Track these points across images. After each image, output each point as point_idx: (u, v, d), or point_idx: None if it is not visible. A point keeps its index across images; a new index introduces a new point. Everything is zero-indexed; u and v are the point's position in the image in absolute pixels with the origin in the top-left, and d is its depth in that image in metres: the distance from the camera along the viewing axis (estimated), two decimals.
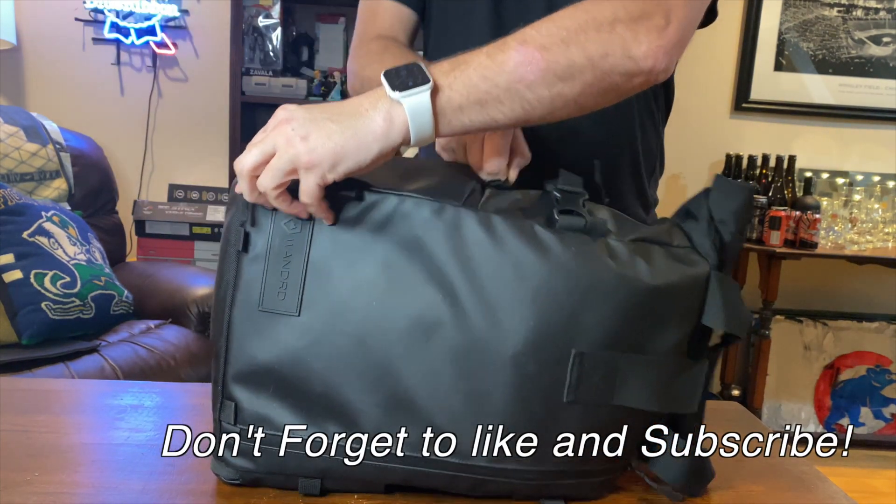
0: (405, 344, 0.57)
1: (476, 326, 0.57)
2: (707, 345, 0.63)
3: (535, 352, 0.57)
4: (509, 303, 0.57)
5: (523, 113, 0.60)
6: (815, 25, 2.75)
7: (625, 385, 0.58)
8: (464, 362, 0.57)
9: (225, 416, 0.61)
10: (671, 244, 0.61)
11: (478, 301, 0.57)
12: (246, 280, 0.59)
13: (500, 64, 0.58)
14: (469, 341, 0.57)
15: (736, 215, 0.61)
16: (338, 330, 0.58)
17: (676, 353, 0.60)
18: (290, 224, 0.58)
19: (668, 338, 0.59)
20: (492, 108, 0.59)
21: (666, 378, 0.60)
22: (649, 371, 0.59)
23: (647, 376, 0.59)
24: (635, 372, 0.58)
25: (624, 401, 0.58)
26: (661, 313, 0.58)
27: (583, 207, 0.60)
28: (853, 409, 2.84)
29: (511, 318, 0.57)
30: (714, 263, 0.60)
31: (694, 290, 0.59)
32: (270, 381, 0.59)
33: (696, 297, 0.60)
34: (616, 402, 0.58)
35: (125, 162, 2.64)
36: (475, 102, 0.58)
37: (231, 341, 0.60)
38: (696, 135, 2.81)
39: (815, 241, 2.49)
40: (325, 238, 0.59)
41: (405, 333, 0.57)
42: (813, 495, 0.68)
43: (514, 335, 0.57)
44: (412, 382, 0.58)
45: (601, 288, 0.57)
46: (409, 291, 0.57)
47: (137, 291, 2.06)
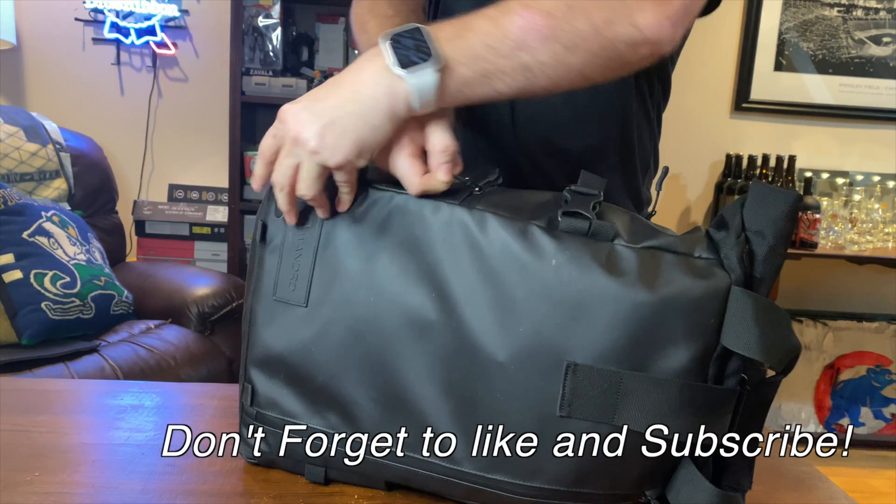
0: (398, 341, 0.57)
1: (465, 328, 0.55)
2: (738, 370, 0.55)
3: (525, 359, 0.54)
4: (499, 305, 0.55)
5: (526, 83, 0.58)
6: (815, 25, 2.75)
7: (628, 404, 0.53)
8: (453, 364, 0.56)
9: (244, 398, 0.65)
10: (691, 254, 0.54)
11: (467, 302, 0.55)
12: (266, 270, 0.63)
13: (504, 30, 0.56)
14: (458, 343, 0.56)
15: (775, 225, 0.53)
16: (339, 323, 0.59)
17: (691, 375, 0.53)
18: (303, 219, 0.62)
19: (677, 357, 0.53)
20: (496, 79, 0.57)
21: (677, 401, 0.53)
22: (657, 391, 0.52)
23: (655, 397, 0.52)
24: (640, 391, 0.52)
25: (627, 422, 0.53)
26: (669, 329, 0.52)
27: (592, 210, 0.55)
28: (853, 409, 2.84)
29: (500, 322, 0.55)
30: (738, 278, 0.53)
31: (709, 306, 0.52)
32: (282, 368, 0.62)
33: (711, 313, 0.52)
34: (618, 422, 0.53)
35: (125, 162, 2.64)
36: (481, 75, 0.57)
37: (252, 327, 0.63)
38: (696, 135, 2.81)
39: (815, 241, 2.49)
40: (331, 233, 0.60)
41: (398, 331, 0.57)
42: (813, 495, 0.68)
43: (503, 339, 0.55)
44: (405, 381, 0.58)
45: (598, 296, 0.52)
46: (404, 289, 0.57)
47: (137, 291, 2.06)
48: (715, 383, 0.54)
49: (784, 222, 0.53)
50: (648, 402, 0.53)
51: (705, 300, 0.52)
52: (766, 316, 0.52)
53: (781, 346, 0.52)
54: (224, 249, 2.53)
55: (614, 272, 0.53)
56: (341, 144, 0.55)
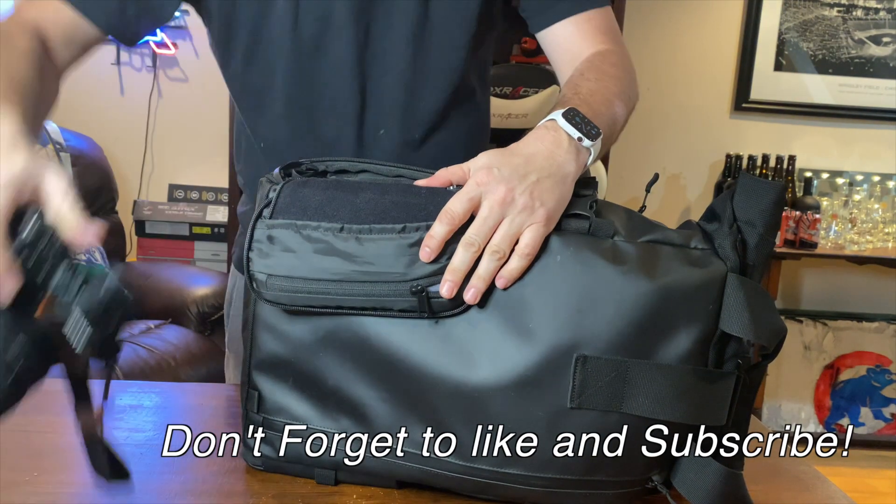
0: (409, 341, 0.58)
1: (477, 327, 0.57)
2: (735, 354, 0.58)
3: (535, 353, 0.56)
4: (508, 303, 0.56)
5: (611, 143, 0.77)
6: (815, 25, 2.75)
7: (635, 392, 0.55)
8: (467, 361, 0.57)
9: (250, 406, 0.64)
10: (687, 246, 0.58)
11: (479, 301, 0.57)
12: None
13: (613, 115, 0.74)
14: (470, 341, 0.57)
15: (763, 215, 0.57)
16: (345, 327, 0.59)
17: (693, 361, 0.56)
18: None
19: (680, 343, 0.55)
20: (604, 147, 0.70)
21: (682, 387, 0.55)
22: (662, 377, 0.55)
23: (660, 383, 0.55)
24: (646, 378, 0.55)
25: (634, 409, 0.55)
26: (671, 316, 0.55)
27: (590, 209, 0.59)
28: (853, 409, 2.84)
29: (511, 319, 0.56)
30: (734, 266, 0.56)
31: (707, 293, 0.55)
32: (289, 373, 0.62)
33: (710, 299, 0.55)
34: (626, 410, 0.55)
35: (125, 162, 2.64)
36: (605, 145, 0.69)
37: (255, 333, 0.63)
38: (696, 135, 2.81)
39: (815, 241, 2.49)
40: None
41: (407, 330, 0.58)
42: (812, 495, 0.68)
43: (512, 337, 0.56)
44: (417, 379, 0.58)
45: (603, 288, 0.55)
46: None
47: (137, 291, 2.06)
48: (715, 367, 0.57)
49: (772, 212, 0.57)
50: (654, 389, 0.55)
51: (704, 287, 0.55)
52: (759, 300, 0.55)
53: (773, 327, 0.56)
54: (224, 249, 2.52)
55: (617, 265, 0.55)
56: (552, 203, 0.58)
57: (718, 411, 0.57)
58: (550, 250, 0.57)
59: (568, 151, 0.62)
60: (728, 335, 0.56)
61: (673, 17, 2.71)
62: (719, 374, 0.57)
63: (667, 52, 2.73)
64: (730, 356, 0.58)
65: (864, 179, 2.80)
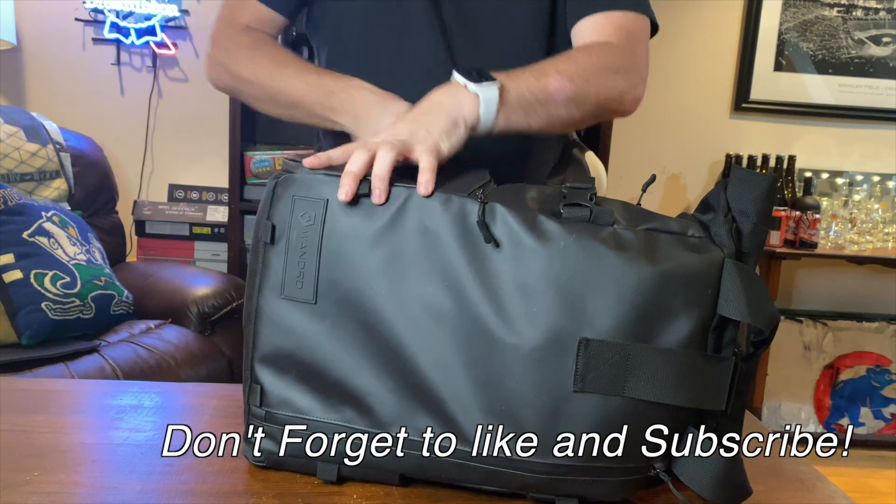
0: (414, 331, 0.59)
1: (481, 314, 0.58)
2: (732, 340, 0.60)
3: (539, 338, 0.57)
4: (512, 290, 0.58)
5: (544, 125, 0.78)
6: (815, 25, 2.75)
7: (637, 375, 0.56)
8: (470, 350, 0.58)
9: (252, 399, 0.65)
10: (685, 234, 0.60)
11: (482, 288, 0.58)
12: (271, 270, 0.63)
13: (542, 84, 0.77)
14: (474, 329, 0.58)
15: (756, 204, 0.60)
16: (350, 317, 0.60)
17: (693, 346, 0.58)
18: (305, 216, 0.62)
19: (680, 327, 0.57)
20: (530, 116, 0.76)
21: (682, 371, 0.57)
22: (663, 361, 0.57)
23: (661, 367, 0.57)
24: (648, 362, 0.57)
25: (636, 392, 0.57)
26: (671, 301, 0.57)
27: (590, 200, 0.60)
28: (853, 409, 2.84)
29: (514, 306, 0.58)
30: (731, 252, 0.58)
31: (706, 278, 0.57)
32: (292, 366, 0.63)
33: (709, 284, 0.58)
34: (628, 394, 0.57)
35: (125, 162, 2.64)
36: (522, 109, 0.75)
37: (258, 327, 0.64)
38: (696, 135, 2.81)
39: (814, 241, 2.49)
40: (338, 229, 0.61)
41: (414, 321, 0.59)
42: (812, 495, 0.68)
43: (517, 322, 0.57)
44: (423, 369, 0.59)
45: (605, 274, 0.56)
46: (417, 279, 0.59)
47: (137, 291, 2.06)
48: (714, 353, 0.59)
49: (764, 202, 0.60)
50: (656, 372, 0.57)
51: (702, 273, 0.58)
52: (755, 286, 0.58)
53: (767, 312, 0.59)
54: (224, 249, 2.52)
55: (619, 251, 0.57)
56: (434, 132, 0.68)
57: (718, 395, 0.59)
58: (554, 237, 0.58)
59: (455, 98, 0.72)
60: (725, 322, 0.59)
61: (673, 17, 2.71)
62: (718, 358, 0.59)
63: (666, 52, 2.72)
64: (727, 342, 0.60)
65: (864, 179, 2.80)
